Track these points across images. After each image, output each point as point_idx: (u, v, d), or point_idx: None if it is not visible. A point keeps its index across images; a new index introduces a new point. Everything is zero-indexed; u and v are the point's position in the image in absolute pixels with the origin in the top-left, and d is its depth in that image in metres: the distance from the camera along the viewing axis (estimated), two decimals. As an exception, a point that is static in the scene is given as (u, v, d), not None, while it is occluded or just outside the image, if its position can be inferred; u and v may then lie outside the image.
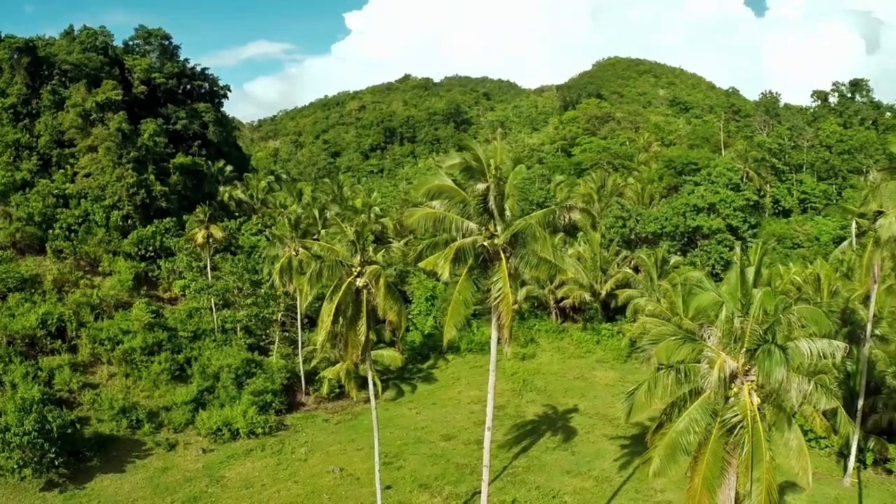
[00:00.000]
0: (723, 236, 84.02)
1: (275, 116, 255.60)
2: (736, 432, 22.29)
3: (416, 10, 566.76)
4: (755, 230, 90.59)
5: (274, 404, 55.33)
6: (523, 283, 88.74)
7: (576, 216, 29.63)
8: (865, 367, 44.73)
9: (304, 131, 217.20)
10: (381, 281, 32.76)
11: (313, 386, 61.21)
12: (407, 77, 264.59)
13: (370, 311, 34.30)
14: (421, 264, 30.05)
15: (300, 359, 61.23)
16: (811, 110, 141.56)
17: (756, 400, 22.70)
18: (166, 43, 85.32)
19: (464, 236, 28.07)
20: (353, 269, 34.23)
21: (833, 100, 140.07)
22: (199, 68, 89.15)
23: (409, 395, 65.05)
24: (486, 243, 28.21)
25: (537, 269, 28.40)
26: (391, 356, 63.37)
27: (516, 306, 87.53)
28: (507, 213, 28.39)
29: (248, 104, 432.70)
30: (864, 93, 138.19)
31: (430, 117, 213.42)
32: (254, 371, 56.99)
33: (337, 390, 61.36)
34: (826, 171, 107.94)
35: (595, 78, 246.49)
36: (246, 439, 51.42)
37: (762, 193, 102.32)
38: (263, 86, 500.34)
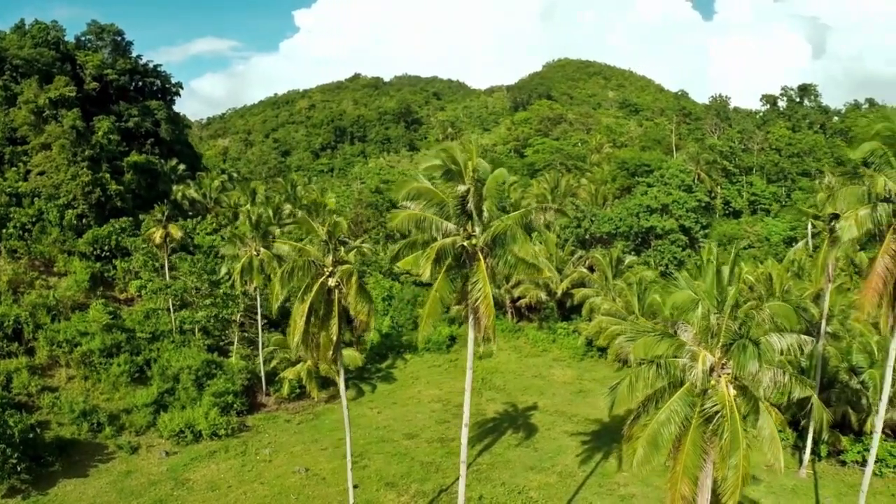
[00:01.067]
0: (676, 236, 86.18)
1: (224, 114, 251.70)
2: (715, 421, 23.21)
3: (366, 8, 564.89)
4: (706, 231, 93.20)
5: (235, 405, 54.90)
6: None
7: (551, 217, 30.24)
8: (820, 363, 46.53)
9: (253, 130, 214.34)
10: (354, 280, 32.86)
11: (274, 386, 60.86)
12: (357, 76, 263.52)
13: (341, 311, 34.34)
14: (399, 264, 30.35)
15: (261, 359, 60.77)
16: (761, 114, 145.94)
17: (732, 391, 23.66)
18: (119, 39, 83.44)
19: (444, 237, 28.46)
20: (325, 269, 34.24)
21: (782, 104, 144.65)
22: (151, 65, 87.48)
23: (369, 395, 65.17)
24: (465, 244, 28.63)
25: (515, 269, 28.98)
26: (351, 356, 63.34)
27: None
28: (485, 214, 28.88)
29: (194, 101, 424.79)
30: (813, 97, 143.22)
31: (380, 117, 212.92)
32: (214, 372, 56.35)
33: (297, 390, 61.16)
34: (776, 173, 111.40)
35: (545, 79, 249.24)
36: (209, 441, 50.88)
37: (713, 195, 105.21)
38: (210, 83, 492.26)
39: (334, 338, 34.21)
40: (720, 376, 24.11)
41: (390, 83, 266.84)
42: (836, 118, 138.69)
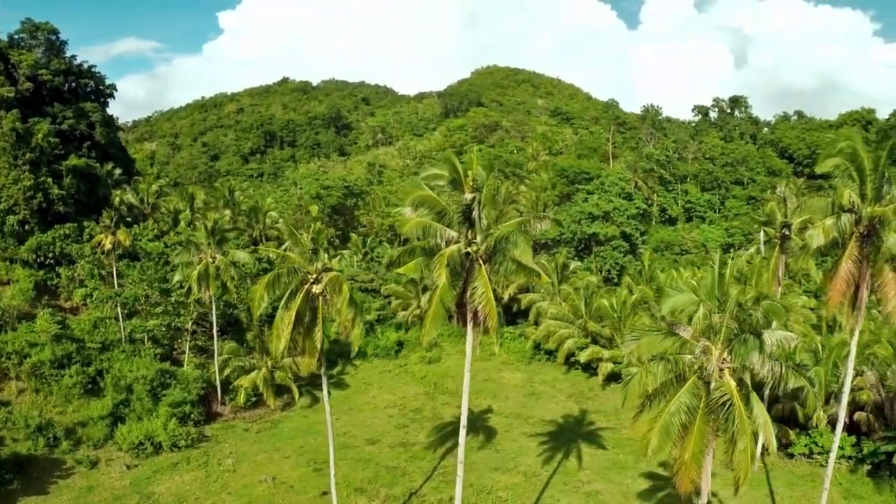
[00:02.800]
0: (617, 243, 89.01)
1: (150, 117, 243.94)
2: (726, 410, 24.71)
3: (291, 11, 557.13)
4: (645, 237, 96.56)
5: (193, 415, 53.75)
6: (426, 289, 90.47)
7: (546, 226, 31.25)
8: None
9: (181, 133, 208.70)
10: (345, 288, 33.01)
11: (229, 395, 59.80)
12: (286, 80, 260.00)
13: (324, 318, 34.41)
14: (400, 270, 30.73)
15: (216, 368, 59.64)
16: (693, 124, 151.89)
17: (733, 383, 25.21)
18: (53, 38, 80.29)
19: (446, 243, 29.09)
20: (310, 276, 34.23)
21: (713, 115, 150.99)
22: (85, 65, 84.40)
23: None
24: (469, 250, 29.30)
25: (515, 275, 29.83)
26: (307, 363, 62.99)
27: (419, 311, 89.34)
28: (484, 221, 29.64)
29: (115, 104, 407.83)
30: (743, 108, 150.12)
31: (310, 121, 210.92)
32: (168, 382, 54.98)
33: (253, 399, 60.31)
34: (710, 182, 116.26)
35: (474, 86, 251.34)
36: (169, 452, 49.67)
37: (650, 202, 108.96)
38: (132, 84, 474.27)
39: (318, 344, 34.20)
40: (723, 369, 25.62)
41: (318, 88, 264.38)
42: (765, 129, 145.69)
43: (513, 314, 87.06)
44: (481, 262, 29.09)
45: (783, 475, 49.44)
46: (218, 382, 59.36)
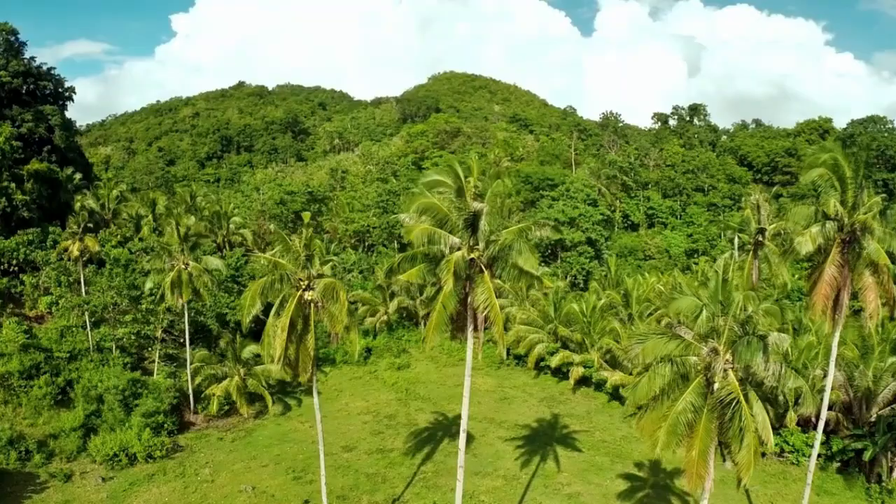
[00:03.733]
0: (583, 249, 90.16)
1: (104, 121, 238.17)
2: (732, 408, 25.50)
3: (244, 15, 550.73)
4: (608, 243, 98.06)
5: (166, 425, 52.63)
6: (393, 295, 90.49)
7: (546, 232, 31.66)
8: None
9: (136, 138, 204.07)
10: (343, 295, 32.86)
11: (201, 404, 58.80)
12: (241, 84, 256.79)
13: (315, 325, 34.24)
14: (402, 276, 30.75)
15: (188, 376, 58.60)
16: (654, 131, 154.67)
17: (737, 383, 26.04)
18: (12, 39, 77.92)
19: (451, 250, 29.28)
20: (302, 283, 34.01)
21: (673, 122, 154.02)
22: (45, 67, 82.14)
23: (296, 409, 64.09)
24: (473, 256, 29.52)
25: (518, 281, 30.15)
26: (279, 370, 62.32)
27: (385, 317, 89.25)
28: (486, 227, 29.94)
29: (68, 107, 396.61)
30: (702, 116, 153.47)
31: (267, 126, 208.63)
32: (140, 391, 53.76)
33: (226, 407, 59.47)
34: (671, 188, 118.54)
35: (431, 91, 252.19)
36: (144, 464, 48.54)
37: (613, 209, 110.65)
38: (82, 87, 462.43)
39: (312, 353, 34.00)
40: (726, 370, 26.39)
41: (274, 92, 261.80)
42: (724, 137, 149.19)
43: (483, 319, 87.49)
44: (483, 268, 29.34)
45: (756, 474, 50.17)
46: (190, 391, 58.36)
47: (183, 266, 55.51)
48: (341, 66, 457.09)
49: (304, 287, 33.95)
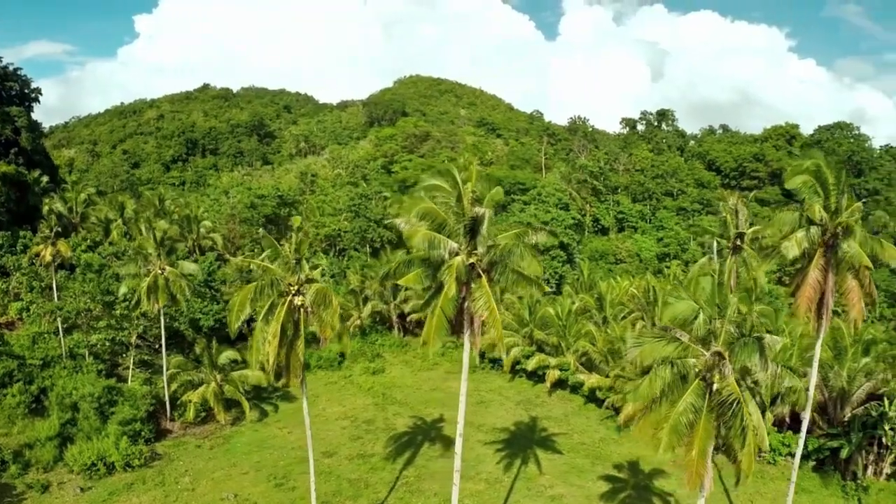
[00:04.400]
0: (556, 252, 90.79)
1: (67, 123, 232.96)
2: (734, 408, 26.06)
3: (208, 16, 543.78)
4: (579, 247, 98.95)
5: (143, 433, 51.73)
6: (366, 300, 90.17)
7: (543, 238, 31.88)
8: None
9: (100, 140, 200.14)
10: (335, 300, 32.68)
11: (177, 411, 57.90)
12: (206, 86, 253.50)
13: (305, 331, 34.00)
14: (401, 281, 30.72)
15: (164, 383, 57.65)
16: (622, 136, 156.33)
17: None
18: (-23, 38, 76.04)
19: (450, 255, 29.33)
20: (292, 288, 33.75)
21: (641, 127, 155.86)
22: (11, 68, 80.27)
23: (273, 415, 63.45)
24: (473, 261, 29.61)
25: (516, 286, 30.31)
26: (256, 376, 61.74)
27: (358, 321, 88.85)
28: (486, 232, 30.11)
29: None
30: (670, 122, 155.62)
31: (232, 129, 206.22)
32: (115, 399, 52.79)
33: (203, 414, 58.67)
34: (641, 193, 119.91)
35: (398, 95, 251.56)
36: (123, 473, 47.61)
37: (583, 213, 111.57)
38: (43, 89, 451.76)
39: (302, 358, 33.79)
40: (725, 372, 26.93)
41: (240, 95, 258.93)
42: (692, 142, 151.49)
43: (455, 323, 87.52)
44: (482, 272, 29.49)
45: (731, 472, 51.51)
46: (167, 398, 57.43)
47: (159, 271, 54.66)
48: (306, 68, 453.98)
49: (293, 292, 33.68)
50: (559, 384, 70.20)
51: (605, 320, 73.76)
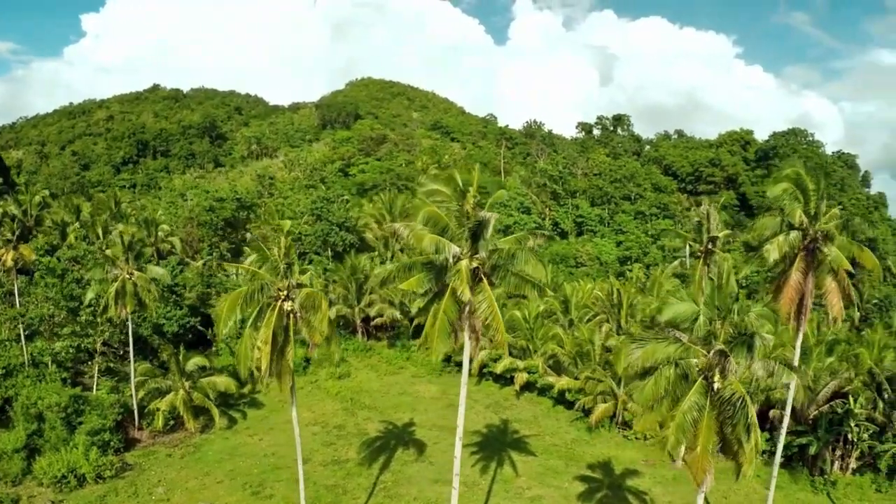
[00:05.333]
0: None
1: (14, 123, 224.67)
2: (738, 406, 26.86)
3: (157, 15, 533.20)
4: (541, 250, 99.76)
5: (112, 443, 50.39)
6: (331, 304, 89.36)
7: (541, 241, 32.14)
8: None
9: (48, 141, 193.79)
10: (325, 305, 32.37)
11: (146, 420, 56.58)
12: (156, 87, 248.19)
13: (294, 336, 33.63)
14: (402, 286, 30.62)
15: (132, 391, 56.23)
16: (579, 140, 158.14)
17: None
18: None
19: (454, 259, 29.40)
20: (281, 293, 33.34)
21: (597, 132, 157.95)
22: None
23: (242, 423, 62.50)
24: (477, 265, 29.71)
25: (517, 289, 30.52)
26: (225, 382, 60.85)
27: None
28: (488, 236, 30.30)
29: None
30: (626, 127, 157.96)
31: (184, 131, 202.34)
32: (82, 408, 51.29)
33: (171, 422, 57.46)
34: (600, 197, 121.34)
35: (350, 97, 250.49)
36: (94, 484, 46.28)
37: (543, 216, 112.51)
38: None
39: (291, 364, 33.43)
40: (728, 370, 27.66)
41: (190, 96, 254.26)
42: (648, 147, 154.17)
43: (420, 327, 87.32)
44: (483, 276, 29.66)
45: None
46: (135, 406, 56.04)
47: (127, 275, 53.36)
48: (255, 70, 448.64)
49: (283, 297, 33.28)
50: (527, 387, 70.69)
51: (571, 323, 74.58)
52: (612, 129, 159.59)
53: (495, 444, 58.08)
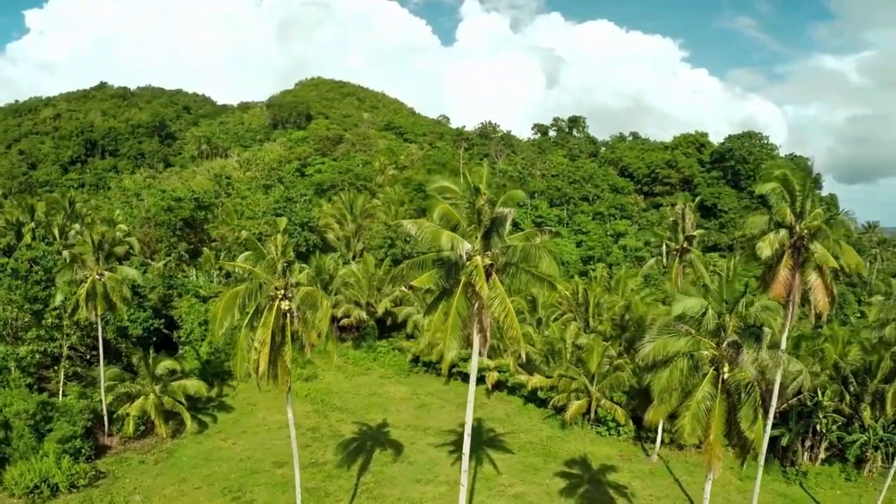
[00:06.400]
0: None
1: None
2: (748, 393, 27.51)
3: (101, 12, 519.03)
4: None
5: (84, 450, 48.80)
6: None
7: (546, 237, 32.32)
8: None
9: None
10: (326, 303, 31.97)
11: (115, 425, 55.01)
12: (103, 85, 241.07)
13: (291, 336, 33.15)
14: (415, 283, 30.48)
15: (101, 396, 54.57)
16: (537, 142, 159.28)
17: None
18: None
19: (467, 256, 29.47)
20: (278, 292, 32.84)
21: (553, 133, 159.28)
22: None
23: (213, 427, 61.35)
24: (491, 262, 29.80)
25: (529, 286, 30.63)
26: (196, 385, 59.64)
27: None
28: (503, 233, 30.44)
29: None
30: (581, 128, 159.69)
31: (133, 130, 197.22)
32: (51, 415, 49.62)
33: (142, 427, 56.04)
34: (558, 198, 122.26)
35: (300, 97, 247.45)
36: (68, 494, 44.63)
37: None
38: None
39: (289, 365, 32.98)
40: (735, 361, 28.42)
41: (137, 94, 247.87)
42: (603, 148, 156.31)
43: (387, 328, 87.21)
44: (495, 273, 29.74)
45: (679, 465, 54.04)
46: (105, 412, 54.42)
47: (97, 276, 51.82)
48: (201, 68, 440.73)
49: (280, 296, 32.79)
50: (497, 386, 71.11)
51: (539, 322, 75.33)
52: (567, 130, 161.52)
53: (472, 443, 57.84)
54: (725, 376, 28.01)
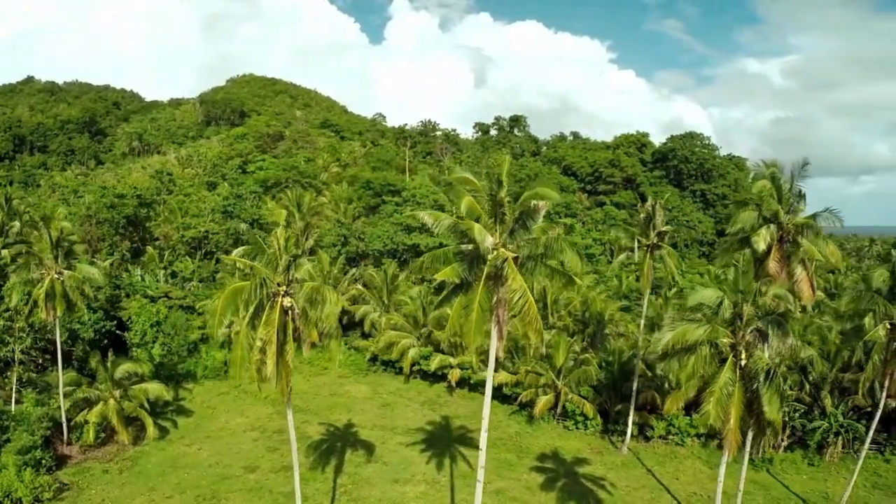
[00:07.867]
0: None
1: None
2: (770, 378, 28.44)
3: (24, 6, 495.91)
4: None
5: (44, 461, 46.36)
6: (246, 304, 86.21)
7: (561, 230, 32.34)
8: (639, 355, 54.71)
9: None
10: (334, 298, 31.20)
11: (74, 433, 52.55)
12: (31, 79, 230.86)
13: (293, 334, 32.32)
14: (438, 275, 30.13)
15: (60, 403, 52.02)
16: (481, 140, 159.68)
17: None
18: None
19: (492, 248, 29.39)
20: (281, 289, 31.91)
21: (494, 132, 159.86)
22: None
23: (175, 432, 59.28)
24: (516, 254, 29.66)
25: (551, 280, 30.64)
26: (156, 389, 57.58)
27: (238, 328, 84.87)
28: (530, 226, 30.47)
29: None
30: (523, 128, 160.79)
31: (62, 126, 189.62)
32: (7, 424, 47.13)
33: (102, 435, 53.78)
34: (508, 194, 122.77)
35: (231, 94, 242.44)
36: (32, 508, 42.54)
37: (454, 214, 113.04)
38: None
39: (291, 365, 32.16)
40: (754, 348, 29.24)
41: (65, 89, 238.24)
42: (545, 148, 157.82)
43: (343, 326, 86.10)
44: (515, 267, 29.62)
45: (649, 456, 55.11)
46: (63, 420, 51.91)
47: (55, 275, 49.42)
48: (128, 63, 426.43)
49: (283, 293, 31.89)
50: (459, 383, 71.17)
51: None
52: (509, 129, 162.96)
53: (442, 441, 58.01)
54: (744, 363, 28.84)
